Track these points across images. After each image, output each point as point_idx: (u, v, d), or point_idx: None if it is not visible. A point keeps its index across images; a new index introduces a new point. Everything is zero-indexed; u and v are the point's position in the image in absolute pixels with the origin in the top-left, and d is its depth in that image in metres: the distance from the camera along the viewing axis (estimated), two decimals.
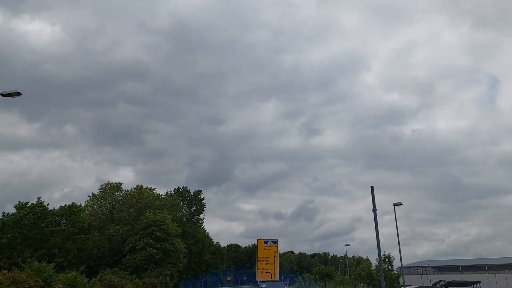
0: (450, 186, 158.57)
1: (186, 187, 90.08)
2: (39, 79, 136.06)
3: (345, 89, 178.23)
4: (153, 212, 60.02)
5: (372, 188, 24.33)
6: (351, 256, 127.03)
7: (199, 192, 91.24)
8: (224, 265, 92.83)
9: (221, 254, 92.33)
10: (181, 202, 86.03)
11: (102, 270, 41.38)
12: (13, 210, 47.52)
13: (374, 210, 23.78)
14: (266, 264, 28.29)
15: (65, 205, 50.19)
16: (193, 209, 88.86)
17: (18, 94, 18.20)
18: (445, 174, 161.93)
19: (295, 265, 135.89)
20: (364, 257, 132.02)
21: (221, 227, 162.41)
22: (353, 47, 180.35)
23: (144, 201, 63.56)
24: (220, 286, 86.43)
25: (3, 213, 48.48)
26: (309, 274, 47.20)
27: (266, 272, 28.13)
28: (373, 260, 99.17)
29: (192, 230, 72.76)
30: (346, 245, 74.73)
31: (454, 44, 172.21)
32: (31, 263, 30.46)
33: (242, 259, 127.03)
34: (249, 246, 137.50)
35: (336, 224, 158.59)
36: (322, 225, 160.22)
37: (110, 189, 65.75)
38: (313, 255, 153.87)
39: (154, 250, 54.63)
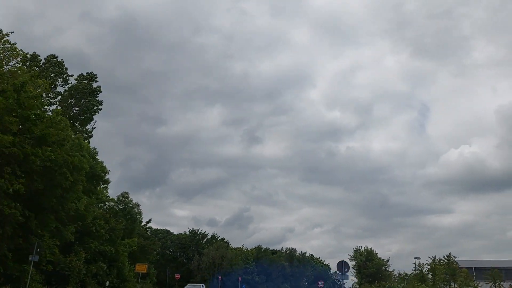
0: (378, 203, 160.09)
1: (55, 55, 37.56)
2: None
3: (290, 102, 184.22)
4: None
5: None
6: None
7: (92, 76, 39.79)
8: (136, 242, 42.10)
9: (133, 219, 41.58)
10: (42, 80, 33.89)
11: None
12: None
13: None
14: None
15: None
16: (71, 101, 37.05)
17: None
18: (374, 192, 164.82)
19: (252, 262, 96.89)
20: None
21: None
22: (301, 62, 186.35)
23: None
24: None
25: None
26: None
27: None
28: None
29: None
30: None
31: (394, 69, 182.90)
32: None
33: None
34: (184, 233, 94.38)
35: (268, 233, 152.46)
36: (254, 234, 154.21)
37: None
38: (274, 252, 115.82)
39: None
